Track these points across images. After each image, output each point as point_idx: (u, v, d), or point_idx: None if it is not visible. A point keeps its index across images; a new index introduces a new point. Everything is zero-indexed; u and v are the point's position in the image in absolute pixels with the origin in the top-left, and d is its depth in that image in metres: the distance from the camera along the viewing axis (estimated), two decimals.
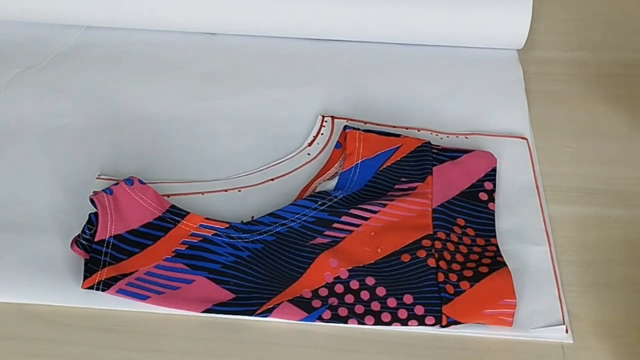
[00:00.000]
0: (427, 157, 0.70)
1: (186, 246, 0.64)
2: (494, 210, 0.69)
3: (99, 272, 0.61)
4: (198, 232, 0.65)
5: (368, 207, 0.67)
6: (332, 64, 0.82)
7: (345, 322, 0.62)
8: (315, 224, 0.66)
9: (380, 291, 0.63)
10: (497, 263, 0.64)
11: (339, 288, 0.63)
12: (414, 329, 0.62)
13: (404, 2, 0.80)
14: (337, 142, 0.73)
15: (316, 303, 0.62)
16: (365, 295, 0.63)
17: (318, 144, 0.74)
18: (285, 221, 0.66)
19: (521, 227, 0.68)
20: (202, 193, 0.69)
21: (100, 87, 0.78)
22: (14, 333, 0.61)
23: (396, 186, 0.69)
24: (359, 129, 0.72)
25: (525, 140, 0.75)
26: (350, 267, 0.64)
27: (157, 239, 0.64)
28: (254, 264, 0.64)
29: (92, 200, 0.64)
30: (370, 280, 0.63)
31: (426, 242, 0.65)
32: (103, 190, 0.65)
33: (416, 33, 0.80)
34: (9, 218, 0.67)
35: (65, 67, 0.80)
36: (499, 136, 0.75)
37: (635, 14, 0.90)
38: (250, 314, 0.62)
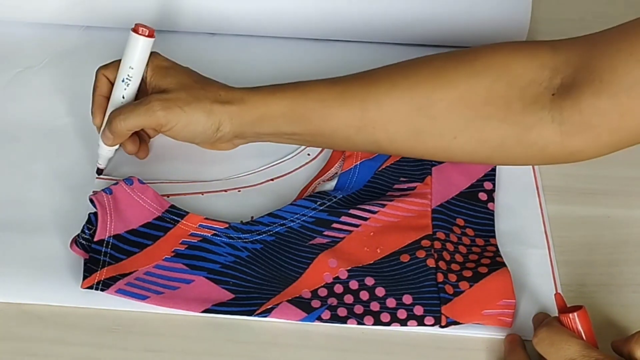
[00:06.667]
0: None
1: (185, 246, 0.64)
2: (493, 211, 0.69)
3: (99, 271, 0.61)
4: (197, 232, 0.65)
5: (367, 207, 0.67)
6: (332, 64, 0.82)
7: (345, 322, 0.62)
8: (314, 224, 0.66)
9: (380, 291, 0.63)
10: (497, 263, 0.64)
11: (338, 288, 0.63)
12: (413, 329, 0.62)
13: (404, 3, 0.80)
14: None
15: (315, 303, 0.62)
16: (364, 295, 0.63)
17: None
18: (284, 221, 0.66)
19: (521, 228, 0.68)
20: (202, 193, 0.69)
21: None
22: (14, 333, 0.61)
23: (395, 186, 0.69)
24: None
25: None
26: (349, 267, 0.64)
27: (156, 239, 0.64)
28: (253, 264, 0.64)
29: (91, 200, 0.64)
30: (369, 281, 0.63)
31: (425, 243, 0.65)
32: (103, 190, 0.65)
33: (416, 33, 0.79)
34: (9, 218, 0.67)
35: (65, 67, 0.80)
36: None
37: (636, 13, 0.90)
38: (250, 314, 0.62)
